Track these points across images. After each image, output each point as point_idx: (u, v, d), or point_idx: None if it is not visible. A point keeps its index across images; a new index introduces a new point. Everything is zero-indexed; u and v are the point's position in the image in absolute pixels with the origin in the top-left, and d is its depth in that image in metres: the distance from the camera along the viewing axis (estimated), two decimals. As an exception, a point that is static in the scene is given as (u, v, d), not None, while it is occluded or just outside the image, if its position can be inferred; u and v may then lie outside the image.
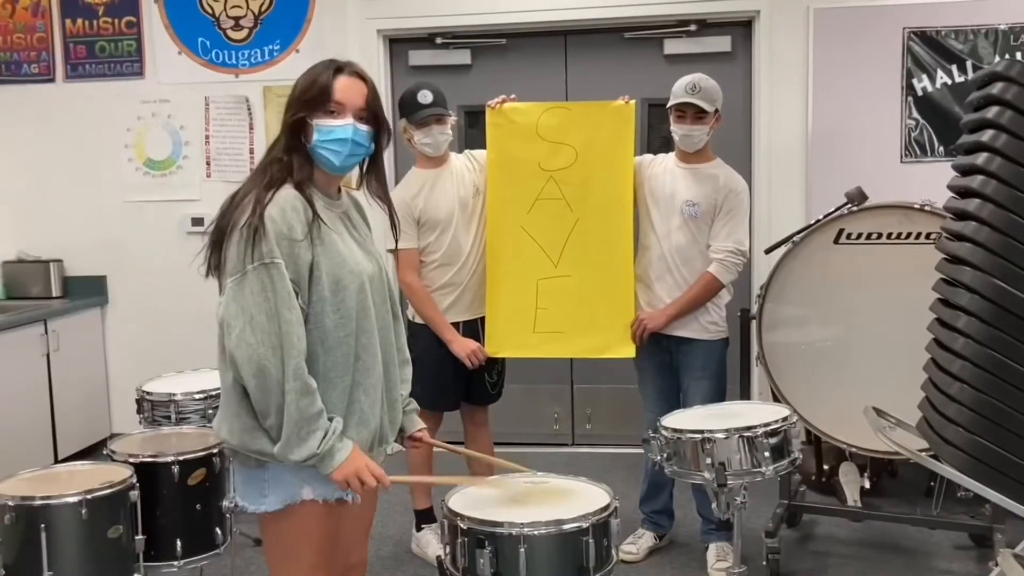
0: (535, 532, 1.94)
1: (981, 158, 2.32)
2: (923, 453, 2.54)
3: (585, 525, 1.95)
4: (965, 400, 2.36)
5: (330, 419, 1.92)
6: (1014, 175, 2.27)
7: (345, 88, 1.95)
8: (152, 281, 4.94)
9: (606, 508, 2.01)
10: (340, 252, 1.92)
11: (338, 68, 1.97)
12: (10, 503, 2.52)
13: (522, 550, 1.92)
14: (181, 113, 4.83)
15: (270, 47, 4.73)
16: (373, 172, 2.09)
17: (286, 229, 1.85)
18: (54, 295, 4.90)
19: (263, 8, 4.71)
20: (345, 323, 1.92)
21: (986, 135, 2.31)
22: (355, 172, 2.12)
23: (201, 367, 3.86)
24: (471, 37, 4.69)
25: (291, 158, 1.94)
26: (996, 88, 2.30)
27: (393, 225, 2.19)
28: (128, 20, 4.81)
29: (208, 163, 4.84)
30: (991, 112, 2.30)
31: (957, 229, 2.42)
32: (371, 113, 1.99)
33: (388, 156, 2.80)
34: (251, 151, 4.78)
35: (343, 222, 2.01)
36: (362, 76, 2.00)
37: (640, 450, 3.64)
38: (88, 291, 4.96)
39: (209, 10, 4.75)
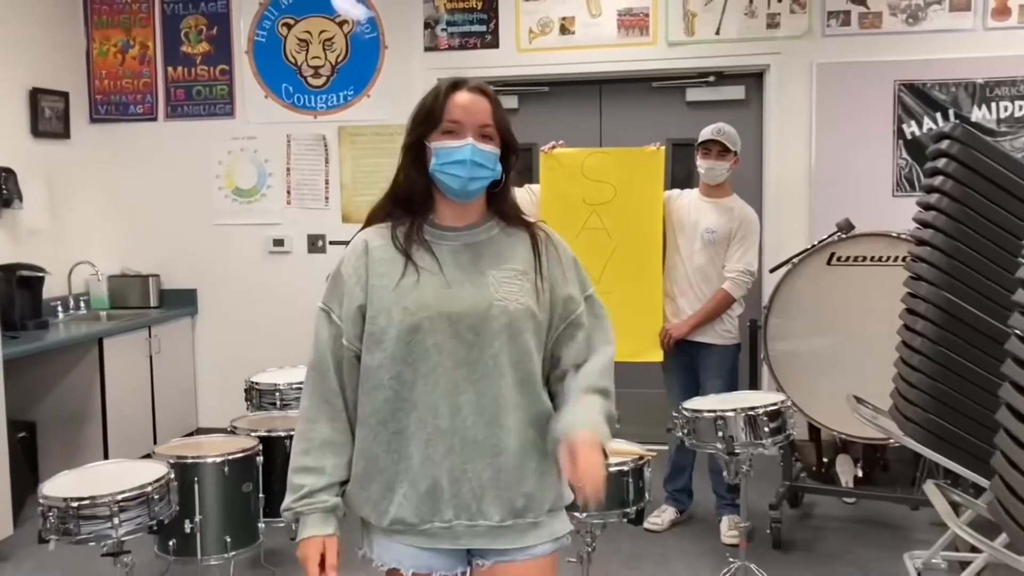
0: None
1: (933, 198, 2.98)
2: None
3: (626, 468, 2.61)
4: (923, 387, 3.00)
5: (337, 493, 1.78)
6: (959, 211, 2.92)
7: (464, 105, 1.75)
8: (237, 295, 5.63)
9: (641, 458, 2.67)
10: (400, 288, 1.74)
11: (455, 84, 1.78)
12: (170, 460, 3.19)
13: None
14: (266, 148, 5.55)
15: (345, 92, 5.44)
16: (501, 197, 1.84)
17: (347, 271, 1.79)
18: (152, 305, 5.59)
19: (339, 59, 5.43)
20: (387, 365, 1.73)
21: (937, 180, 2.98)
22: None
23: (284, 366, 4.51)
24: (518, 85, 5.37)
25: (409, 185, 1.80)
26: (944, 144, 2.96)
27: (536, 254, 1.85)
28: (222, 68, 5.55)
29: (289, 192, 5.55)
30: (940, 163, 2.97)
31: (917, 252, 3.08)
32: (496, 131, 1.77)
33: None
34: (326, 182, 5.49)
35: (456, 255, 1.78)
36: (484, 92, 1.78)
37: (664, 447, 4.29)
38: (181, 302, 5.66)
39: (292, 60, 5.48)
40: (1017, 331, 2.19)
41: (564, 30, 5.21)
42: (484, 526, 1.73)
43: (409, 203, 1.80)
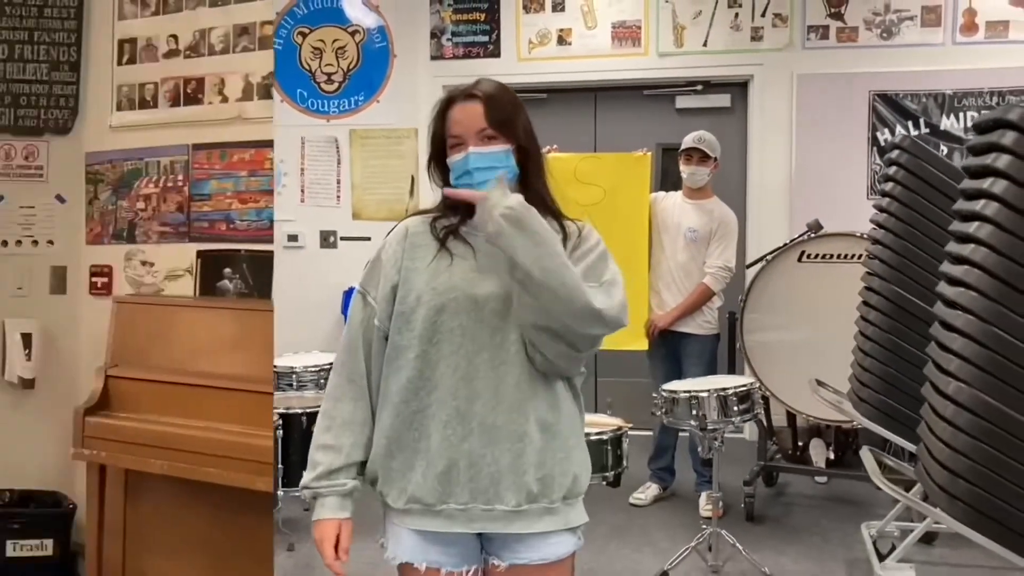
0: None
1: (885, 201, 3.34)
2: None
3: (605, 437, 2.96)
4: (874, 370, 3.35)
5: (354, 475, 1.80)
6: (906, 214, 3.27)
7: (458, 119, 1.79)
8: (253, 286, 6.00)
9: (619, 429, 3.02)
10: (432, 269, 1.77)
11: (448, 100, 1.81)
12: (200, 433, 3.54)
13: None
14: (281, 150, 5.87)
15: (356, 97, 5.80)
16: (529, 194, 1.78)
17: (385, 256, 1.83)
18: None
19: (351, 66, 5.79)
20: (411, 344, 1.75)
21: (888, 186, 3.33)
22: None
23: (299, 351, 4.86)
24: (518, 92, 5.66)
25: (446, 197, 1.84)
26: (894, 154, 3.31)
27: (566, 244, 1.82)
28: (240, 74, 5.92)
29: (303, 191, 5.90)
30: (891, 170, 3.32)
31: (871, 250, 3.43)
32: (497, 131, 1.77)
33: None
34: (338, 182, 5.84)
35: (491, 246, 1.73)
36: (474, 95, 1.78)
37: (648, 432, 4.63)
38: (200, 293, 6.02)
39: (307, 67, 5.84)
40: (940, 318, 2.53)
41: (562, 41, 5.56)
42: (500, 510, 1.72)
43: (452, 209, 1.84)
